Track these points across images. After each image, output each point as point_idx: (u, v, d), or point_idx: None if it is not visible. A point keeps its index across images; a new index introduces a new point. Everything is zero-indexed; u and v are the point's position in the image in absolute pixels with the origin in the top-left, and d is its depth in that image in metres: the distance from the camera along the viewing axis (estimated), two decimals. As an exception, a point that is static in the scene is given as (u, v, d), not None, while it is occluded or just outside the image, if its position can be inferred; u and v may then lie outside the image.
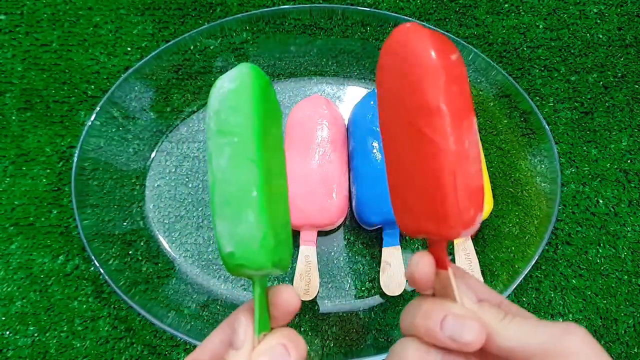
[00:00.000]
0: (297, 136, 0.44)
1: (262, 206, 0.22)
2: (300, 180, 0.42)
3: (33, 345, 0.42)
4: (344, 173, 0.44)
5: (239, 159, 0.22)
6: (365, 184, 0.42)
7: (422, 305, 0.23)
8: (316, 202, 0.41)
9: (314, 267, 0.39)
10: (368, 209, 0.42)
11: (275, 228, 0.23)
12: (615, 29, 0.56)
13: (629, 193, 0.49)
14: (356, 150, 0.44)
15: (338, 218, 0.42)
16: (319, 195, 0.41)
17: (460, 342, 0.21)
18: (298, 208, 0.41)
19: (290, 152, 0.43)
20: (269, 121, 0.24)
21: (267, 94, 0.24)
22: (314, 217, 0.41)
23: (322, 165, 0.43)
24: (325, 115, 0.45)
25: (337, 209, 0.42)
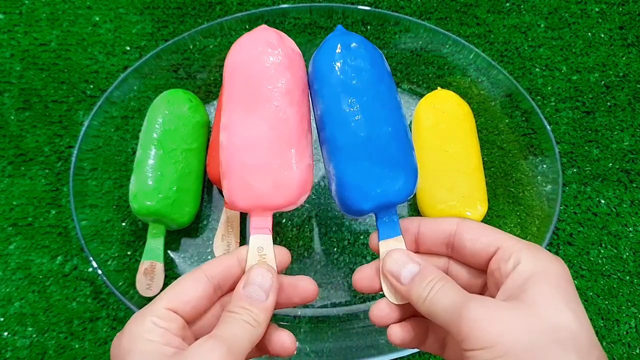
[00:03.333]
0: (238, 86, 0.31)
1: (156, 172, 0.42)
2: (246, 147, 0.30)
3: (31, 346, 0.42)
4: (305, 133, 0.31)
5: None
6: (347, 158, 0.30)
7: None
8: (268, 176, 0.30)
9: (271, 261, 0.28)
10: (355, 192, 0.30)
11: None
12: (616, 28, 0.56)
13: (630, 193, 0.48)
14: (327, 114, 0.31)
15: (300, 195, 0.30)
16: (273, 166, 0.30)
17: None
18: (245, 184, 0.30)
19: (231, 110, 0.31)
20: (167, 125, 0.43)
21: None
22: (267, 195, 0.30)
23: (274, 126, 0.30)
24: (277, 54, 0.32)
25: (298, 183, 0.30)
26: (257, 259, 0.28)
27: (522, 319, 0.21)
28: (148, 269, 0.42)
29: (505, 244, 0.25)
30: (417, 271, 0.26)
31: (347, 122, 0.30)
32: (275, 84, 0.31)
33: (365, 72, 0.30)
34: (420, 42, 0.52)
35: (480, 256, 0.26)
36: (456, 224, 0.27)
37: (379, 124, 0.30)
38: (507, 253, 0.24)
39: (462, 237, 0.27)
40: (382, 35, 0.53)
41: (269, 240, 0.29)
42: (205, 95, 0.51)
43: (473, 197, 0.43)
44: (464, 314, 0.22)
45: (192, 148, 0.45)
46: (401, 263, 0.27)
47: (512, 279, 0.23)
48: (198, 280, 0.26)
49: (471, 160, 0.45)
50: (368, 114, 0.30)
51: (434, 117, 0.47)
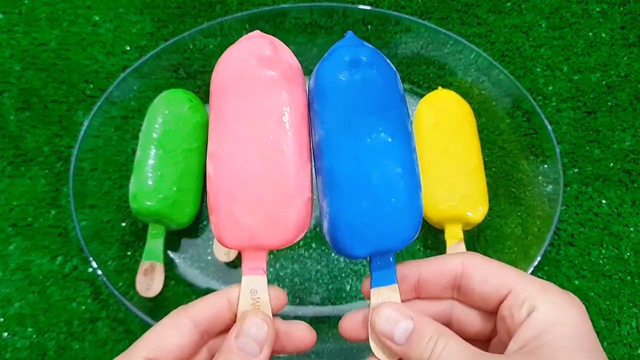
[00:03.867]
0: (226, 108, 0.26)
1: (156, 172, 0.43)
2: (236, 179, 0.26)
3: (31, 347, 0.42)
4: (305, 163, 0.27)
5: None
6: (344, 196, 0.26)
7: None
8: (262, 212, 0.26)
9: (265, 307, 0.25)
10: (348, 235, 0.26)
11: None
12: (618, 28, 0.56)
13: (632, 193, 0.48)
14: (326, 141, 0.26)
15: (298, 233, 0.26)
16: (267, 201, 0.26)
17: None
18: (236, 221, 0.26)
19: (219, 136, 0.26)
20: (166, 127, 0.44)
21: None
22: (261, 234, 0.26)
23: (268, 156, 0.26)
24: (271, 69, 0.26)
25: (296, 221, 0.26)
26: (250, 303, 0.25)
27: None
28: (148, 270, 0.42)
29: (518, 286, 0.22)
30: (412, 328, 0.23)
31: (349, 153, 0.25)
32: (270, 106, 0.26)
33: (375, 95, 0.26)
34: (421, 42, 0.52)
35: (490, 300, 0.23)
36: (461, 263, 0.24)
37: (385, 159, 0.25)
38: (520, 298, 0.22)
39: (470, 279, 0.24)
40: (382, 35, 0.53)
41: (264, 282, 0.25)
42: (205, 95, 0.51)
43: (474, 197, 0.43)
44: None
45: (192, 148, 0.45)
46: (393, 321, 0.23)
47: (527, 329, 0.21)
48: (182, 327, 0.23)
49: (472, 161, 0.45)
50: (374, 146, 0.25)
51: (435, 116, 0.47)
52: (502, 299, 0.23)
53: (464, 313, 0.25)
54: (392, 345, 0.23)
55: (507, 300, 0.23)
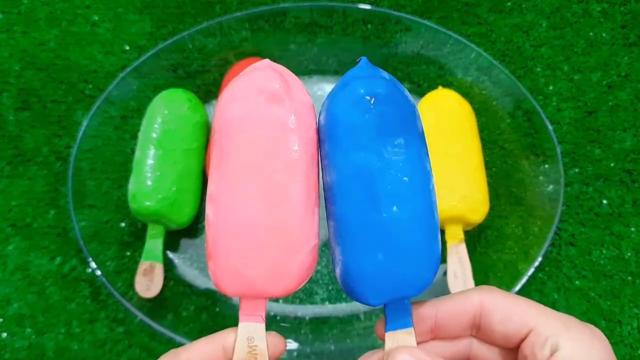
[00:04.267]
0: (230, 149, 0.24)
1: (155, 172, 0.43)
2: (237, 227, 0.24)
3: (30, 348, 0.41)
4: (312, 210, 0.25)
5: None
6: (358, 246, 0.24)
7: None
8: (263, 262, 0.24)
9: (262, 355, 0.24)
10: (363, 286, 0.24)
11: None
12: (618, 28, 0.56)
13: (632, 193, 0.48)
14: (339, 187, 0.24)
15: (300, 283, 0.25)
16: (269, 250, 0.24)
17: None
18: (235, 270, 0.24)
19: (220, 178, 0.25)
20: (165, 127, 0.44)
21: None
22: (261, 283, 0.24)
23: (273, 203, 0.24)
24: (281, 109, 0.24)
25: (299, 271, 0.24)
26: (247, 351, 0.23)
27: None
28: (147, 270, 0.42)
29: (540, 324, 0.22)
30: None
31: (363, 200, 0.23)
32: (277, 151, 0.24)
33: (392, 134, 0.24)
34: (421, 42, 0.52)
35: (511, 339, 0.23)
36: (480, 302, 0.24)
37: (402, 204, 0.23)
38: (542, 336, 0.22)
39: (490, 318, 0.23)
40: (382, 34, 0.53)
41: (262, 330, 0.24)
42: (204, 95, 0.51)
43: (474, 197, 0.43)
44: None
45: (192, 148, 0.45)
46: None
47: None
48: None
49: (472, 160, 0.45)
50: (392, 191, 0.23)
51: (435, 116, 0.47)
52: (523, 337, 0.23)
53: (483, 351, 0.25)
54: None
55: (529, 338, 0.22)
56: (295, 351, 0.40)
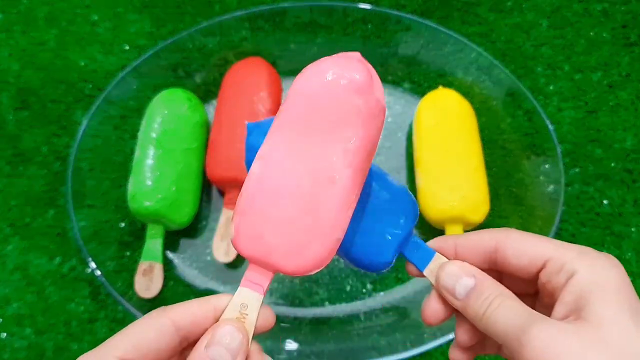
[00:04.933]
0: (298, 117, 0.25)
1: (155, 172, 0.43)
2: (277, 192, 0.24)
3: (29, 348, 0.41)
4: (350, 204, 0.25)
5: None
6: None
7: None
8: (288, 236, 0.24)
9: (250, 325, 0.23)
10: (371, 255, 0.27)
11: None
12: (619, 27, 0.56)
13: (633, 193, 0.48)
14: None
15: (313, 268, 0.25)
16: (298, 225, 0.24)
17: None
18: (258, 233, 0.24)
19: (277, 141, 0.25)
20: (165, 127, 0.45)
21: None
22: (278, 254, 0.24)
23: (320, 183, 0.24)
24: (361, 99, 0.25)
25: (317, 256, 0.25)
26: (236, 316, 0.23)
27: (592, 348, 0.19)
28: (147, 270, 0.42)
29: (555, 254, 0.23)
30: (473, 285, 0.24)
31: None
32: (341, 134, 0.24)
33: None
34: (422, 41, 0.51)
35: (527, 271, 0.24)
36: (494, 237, 0.25)
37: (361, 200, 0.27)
38: (557, 264, 0.22)
39: (505, 254, 0.24)
40: (383, 34, 0.52)
41: (258, 302, 0.24)
42: (204, 95, 0.51)
43: (474, 197, 0.43)
44: (526, 341, 0.20)
45: (192, 148, 0.45)
46: (455, 277, 0.25)
47: (569, 292, 0.21)
48: (163, 329, 0.21)
49: (473, 160, 0.45)
50: None
51: (435, 116, 0.46)
52: (540, 269, 0.23)
53: (508, 280, 0.25)
54: (452, 300, 0.25)
55: (546, 269, 0.23)
56: (295, 351, 0.40)
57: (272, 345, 0.40)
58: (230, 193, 0.45)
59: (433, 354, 0.41)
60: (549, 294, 0.23)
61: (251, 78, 0.47)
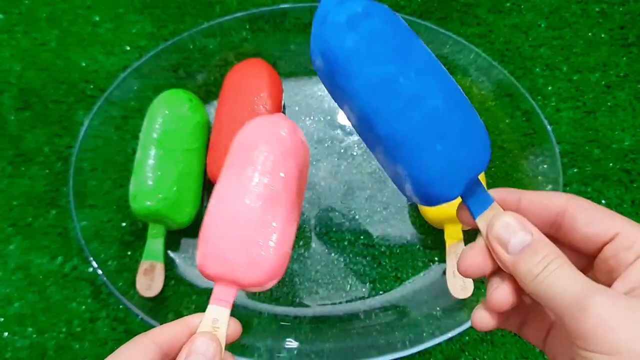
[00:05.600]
0: (239, 157, 0.31)
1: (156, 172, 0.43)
2: (231, 216, 0.29)
3: (31, 347, 0.42)
4: (292, 222, 0.30)
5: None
6: (417, 151, 0.24)
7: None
8: (244, 251, 0.28)
9: (221, 336, 0.26)
10: (439, 184, 0.25)
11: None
12: (617, 28, 0.56)
13: (631, 193, 0.48)
14: (371, 110, 0.25)
15: (269, 280, 0.29)
16: (251, 242, 0.29)
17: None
18: (219, 252, 0.28)
19: (226, 177, 0.31)
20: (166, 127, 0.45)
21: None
22: (237, 270, 0.28)
23: (265, 204, 0.29)
24: (284, 141, 0.31)
25: (271, 268, 0.29)
26: (209, 330, 0.26)
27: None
28: (148, 269, 0.42)
29: (627, 230, 0.22)
30: (529, 242, 0.22)
31: (401, 111, 0.24)
32: (280, 167, 0.30)
33: (390, 43, 0.24)
34: (421, 42, 0.52)
35: (593, 241, 0.22)
36: (566, 201, 0.23)
37: (434, 98, 0.24)
38: (629, 240, 0.21)
39: (575, 217, 0.23)
40: (382, 35, 0.53)
41: (226, 315, 0.27)
42: (205, 95, 0.51)
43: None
44: (589, 308, 0.19)
45: (192, 148, 0.45)
46: (512, 229, 0.22)
47: (637, 270, 0.20)
48: (145, 348, 0.24)
49: (472, 160, 0.45)
50: (419, 91, 0.24)
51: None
52: (607, 241, 0.22)
53: None
54: (503, 253, 0.23)
55: (614, 242, 0.22)
56: (295, 350, 0.40)
57: (273, 344, 0.41)
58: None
59: (432, 353, 0.41)
60: (609, 270, 0.22)
61: (252, 79, 0.48)
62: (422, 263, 0.45)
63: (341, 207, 0.47)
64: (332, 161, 0.49)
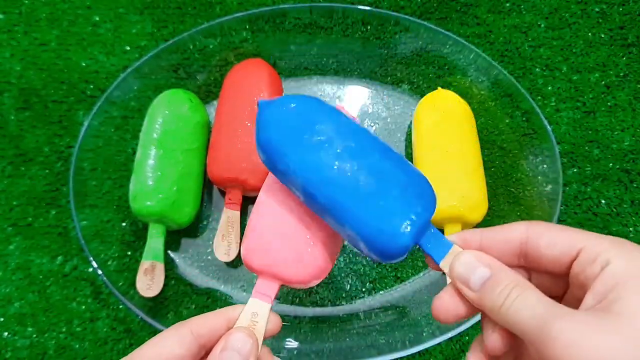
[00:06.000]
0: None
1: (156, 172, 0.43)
2: (282, 214, 0.29)
3: (31, 347, 0.42)
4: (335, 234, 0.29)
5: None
6: (360, 211, 0.26)
7: None
8: (291, 246, 0.28)
9: (259, 331, 0.26)
10: (388, 236, 0.25)
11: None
12: (617, 28, 0.56)
13: (631, 193, 0.48)
14: (312, 182, 0.27)
15: (314, 278, 0.28)
16: (299, 237, 0.28)
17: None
18: (262, 243, 0.28)
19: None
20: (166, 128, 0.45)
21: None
22: (282, 265, 0.28)
23: (312, 216, 0.29)
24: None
25: (317, 266, 0.28)
26: (248, 324, 0.26)
27: (624, 342, 0.18)
28: (148, 269, 0.42)
29: (589, 244, 0.22)
30: (489, 276, 0.23)
31: (341, 177, 0.26)
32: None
33: (325, 121, 0.27)
34: (421, 42, 0.52)
35: (560, 261, 0.23)
36: (526, 229, 0.24)
37: (368, 159, 0.26)
38: (591, 254, 0.21)
39: (537, 243, 0.23)
40: (382, 35, 0.53)
41: (267, 310, 0.27)
42: (205, 95, 0.51)
43: (473, 197, 0.43)
44: (551, 334, 0.19)
45: (192, 148, 0.45)
46: (470, 267, 0.23)
47: (602, 282, 0.20)
48: (183, 338, 0.24)
49: (471, 161, 0.45)
50: (354, 157, 0.26)
51: (434, 117, 0.47)
52: (573, 258, 0.22)
53: (535, 277, 0.25)
54: (467, 291, 0.23)
55: (579, 258, 0.22)
56: (295, 350, 0.40)
57: (273, 343, 0.41)
58: (230, 193, 0.45)
59: (432, 353, 0.42)
60: (581, 286, 0.22)
61: (252, 79, 0.48)
62: (422, 263, 0.45)
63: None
64: (332, 161, 0.49)
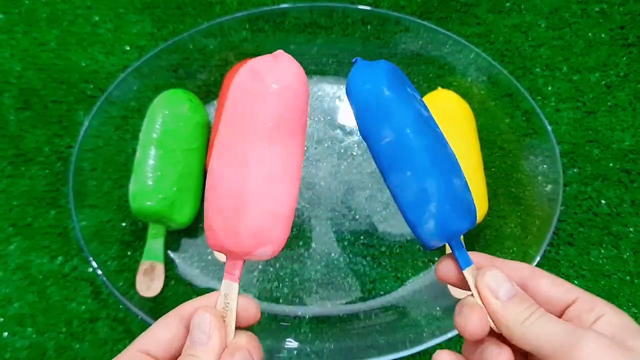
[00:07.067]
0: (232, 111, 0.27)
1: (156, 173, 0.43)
2: (209, 191, 0.27)
3: (31, 347, 0.42)
4: (297, 176, 0.27)
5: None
6: (443, 179, 0.28)
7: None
8: (224, 221, 0.26)
9: (230, 313, 0.26)
10: (431, 224, 0.27)
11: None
12: (617, 28, 0.56)
13: (631, 193, 0.48)
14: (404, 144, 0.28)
15: (254, 243, 0.27)
16: (226, 210, 0.26)
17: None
18: (212, 225, 0.27)
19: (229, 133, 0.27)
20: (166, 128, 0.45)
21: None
22: (245, 241, 0.26)
23: (234, 170, 0.26)
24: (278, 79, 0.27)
25: (250, 232, 0.26)
26: (222, 307, 0.26)
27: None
28: (148, 270, 0.42)
29: (585, 296, 0.24)
30: (515, 293, 0.25)
31: (429, 134, 0.30)
32: (268, 112, 0.26)
33: (411, 86, 0.31)
34: (421, 42, 0.52)
35: (555, 304, 0.25)
36: (531, 269, 0.26)
37: (443, 139, 0.31)
38: (589, 304, 0.24)
39: (540, 282, 0.26)
40: (382, 35, 0.53)
41: (235, 290, 0.27)
42: (205, 95, 0.51)
43: (473, 197, 0.43)
44: (580, 346, 0.21)
45: (192, 148, 0.45)
46: (500, 279, 0.25)
47: (601, 329, 0.23)
48: (170, 322, 0.26)
49: (471, 161, 0.45)
50: (436, 126, 0.31)
51: (434, 117, 0.47)
52: (569, 304, 0.24)
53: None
54: (492, 299, 0.25)
55: (575, 305, 0.24)
56: (295, 350, 0.40)
57: (273, 343, 0.41)
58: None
59: (432, 353, 0.41)
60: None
61: None
62: (422, 263, 0.45)
63: (341, 207, 0.47)
64: (332, 161, 0.49)
